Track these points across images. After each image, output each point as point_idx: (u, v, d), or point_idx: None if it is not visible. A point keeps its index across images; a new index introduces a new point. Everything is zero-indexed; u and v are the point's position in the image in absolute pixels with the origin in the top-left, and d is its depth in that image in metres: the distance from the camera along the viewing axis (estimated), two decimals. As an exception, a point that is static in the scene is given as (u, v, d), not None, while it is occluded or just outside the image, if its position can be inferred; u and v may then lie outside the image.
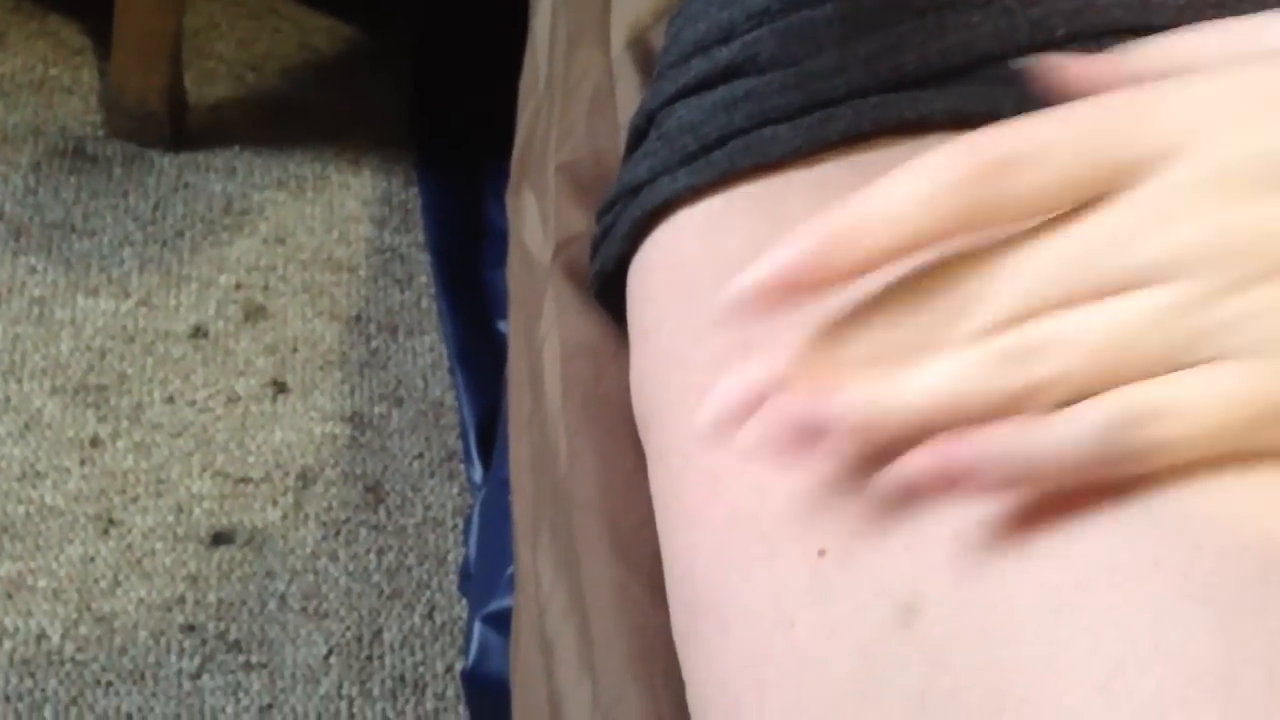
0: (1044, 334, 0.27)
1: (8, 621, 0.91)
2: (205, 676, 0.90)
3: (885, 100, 0.42)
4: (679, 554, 0.39)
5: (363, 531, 1.00)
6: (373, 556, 0.99)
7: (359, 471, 1.03)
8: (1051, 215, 0.28)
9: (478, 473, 1.02)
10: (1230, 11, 0.36)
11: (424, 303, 1.13)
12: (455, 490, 1.03)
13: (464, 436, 1.04)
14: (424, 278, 1.13)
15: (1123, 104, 0.28)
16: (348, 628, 0.95)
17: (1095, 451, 0.26)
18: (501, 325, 1.08)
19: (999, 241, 0.29)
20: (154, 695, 0.89)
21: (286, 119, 1.22)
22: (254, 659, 0.92)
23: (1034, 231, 0.28)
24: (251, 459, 1.02)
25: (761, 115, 0.44)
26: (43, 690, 0.88)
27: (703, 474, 0.38)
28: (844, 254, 0.28)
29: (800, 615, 0.32)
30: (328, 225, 1.16)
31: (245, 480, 1.01)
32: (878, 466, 0.28)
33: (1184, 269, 0.27)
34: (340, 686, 0.91)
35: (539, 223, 0.69)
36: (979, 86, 0.41)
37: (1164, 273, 0.27)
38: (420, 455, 1.05)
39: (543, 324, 0.66)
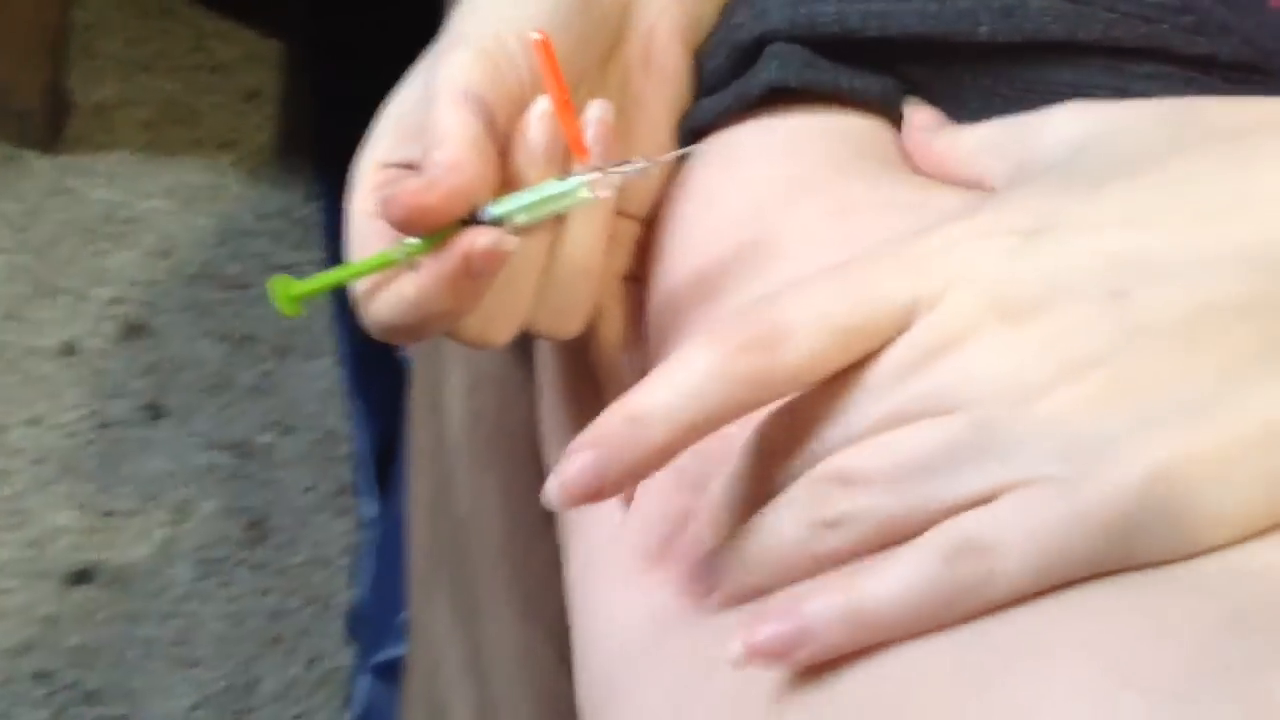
0: (834, 470, 0.29)
1: None
2: (58, 729, 0.83)
3: (797, 59, 0.40)
4: (584, 633, 0.37)
5: (242, 571, 0.94)
6: (251, 598, 0.93)
7: (241, 505, 0.97)
8: (828, 377, 0.29)
9: (371, 508, 0.97)
10: (1156, 27, 0.37)
11: (320, 324, 1.06)
12: (346, 527, 0.98)
13: (358, 469, 0.99)
14: (321, 298, 1.06)
15: (886, 257, 0.30)
16: (220, 677, 0.88)
17: (931, 590, 0.27)
18: (404, 351, 1.02)
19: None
20: (-1, 750, 0.81)
21: (178, 124, 1.15)
22: (113, 711, 0.84)
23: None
24: (121, 489, 0.95)
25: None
26: None
27: (607, 565, 0.37)
28: (626, 460, 0.29)
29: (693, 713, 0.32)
30: (219, 239, 1.09)
31: (112, 513, 0.94)
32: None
33: (956, 398, 0.28)
34: (210, 742, 0.85)
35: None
36: (884, 71, 0.40)
37: (943, 402, 0.28)
38: (309, 488, 0.99)
39: (448, 352, 0.60)
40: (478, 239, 0.33)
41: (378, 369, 1.03)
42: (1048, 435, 0.26)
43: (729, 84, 0.40)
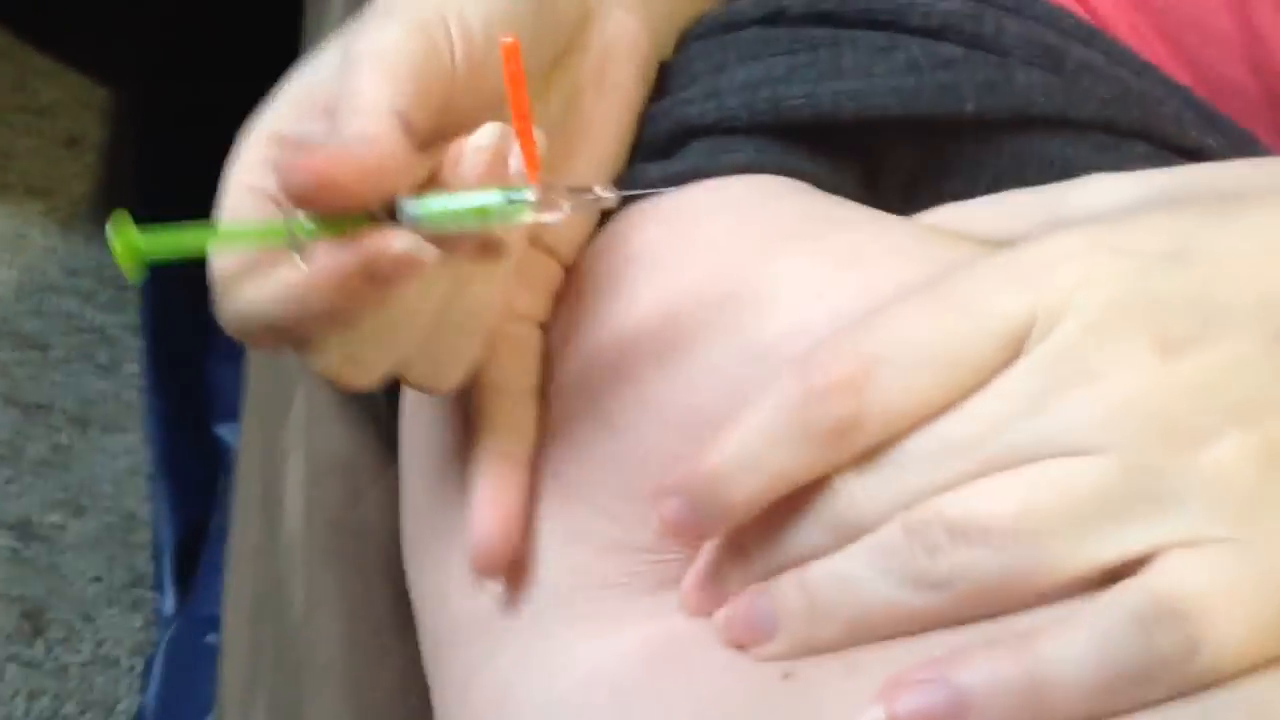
0: (941, 516, 0.25)
1: None
2: None
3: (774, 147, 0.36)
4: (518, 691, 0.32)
5: (12, 668, 0.84)
6: (21, 700, 0.83)
7: (16, 593, 0.87)
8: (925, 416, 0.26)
9: (169, 604, 0.89)
10: (1139, 105, 0.35)
11: (128, 395, 0.97)
12: (138, 624, 0.88)
13: (157, 558, 0.90)
14: (132, 366, 0.98)
15: (990, 269, 0.27)
16: (-24, 794, 0.77)
17: (1127, 663, 0.23)
18: (222, 430, 0.94)
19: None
20: None
21: (-14, 164, 1.04)
22: None
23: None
24: (-124, 568, 0.83)
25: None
26: None
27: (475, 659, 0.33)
28: (712, 514, 0.28)
29: None
30: (19, 293, 0.99)
31: None
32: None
33: (1102, 437, 0.25)
34: None
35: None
36: (857, 145, 0.36)
37: (1083, 441, 0.25)
38: (98, 578, 0.89)
39: (288, 431, 0.53)
40: (395, 240, 0.27)
41: (189, 448, 0.94)
42: (1217, 490, 0.24)
43: (670, 155, 0.36)
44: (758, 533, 0.28)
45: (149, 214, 1.05)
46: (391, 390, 0.44)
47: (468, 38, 0.30)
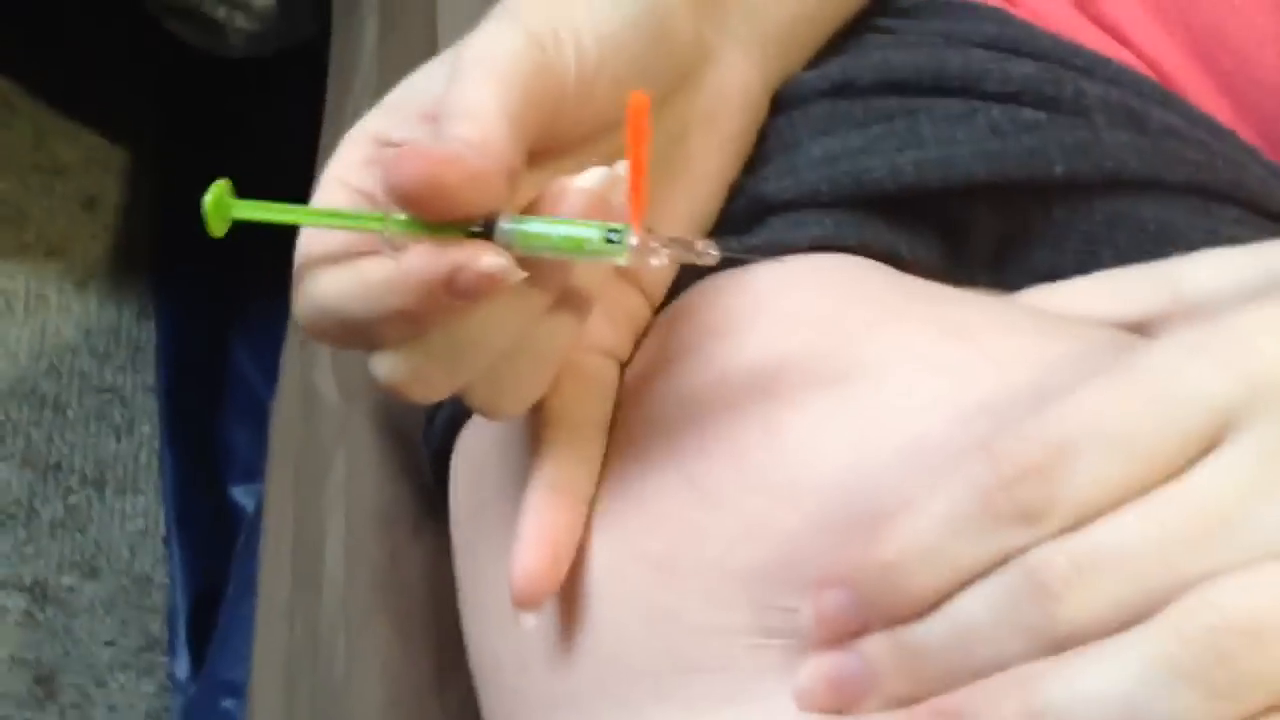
0: (1246, 615, 0.23)
1: None
2: None
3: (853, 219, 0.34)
4: None
5: None
6: None
7: (30, 657, 0.84)
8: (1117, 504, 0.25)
9: (183, 669, 0.87)
10: (1228, 169, 0.34)
11: (143, 456, 0.96)
12: (151, 689, 0.87)
13: (171, 622, 0.88)
14: (147, 427, 0.96)
15: (1192, 349, 0.25)
16: None
17: None
18: (237, 492, 0.92)
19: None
20: None
21: (3, 224, 1.04)
22: None
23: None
24: (-111, 630, 0.81)
25: None
26: None
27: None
28: (884, 608, 0.27)
29: None
30: (36, 353, 0.98)
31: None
32: None
33: None
34: None
35: (331, 360, 0.56)
36: (936, 214, 0.35)
37: None
38: (112, 641, 0.87)
39: (329, 486, 0.52)
40: (484, 256, 0.26)
41: (204, 510, 0.93)
42: None
43: (746, 231, 0.35)
44: (926, 641, 0.26)
45: (166, 274, 1.04)
46: (436, 447, 0.43)
47: (581, 54, 0.29)
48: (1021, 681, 0.25)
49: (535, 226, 0.28)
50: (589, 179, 0.28)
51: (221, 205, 0.29)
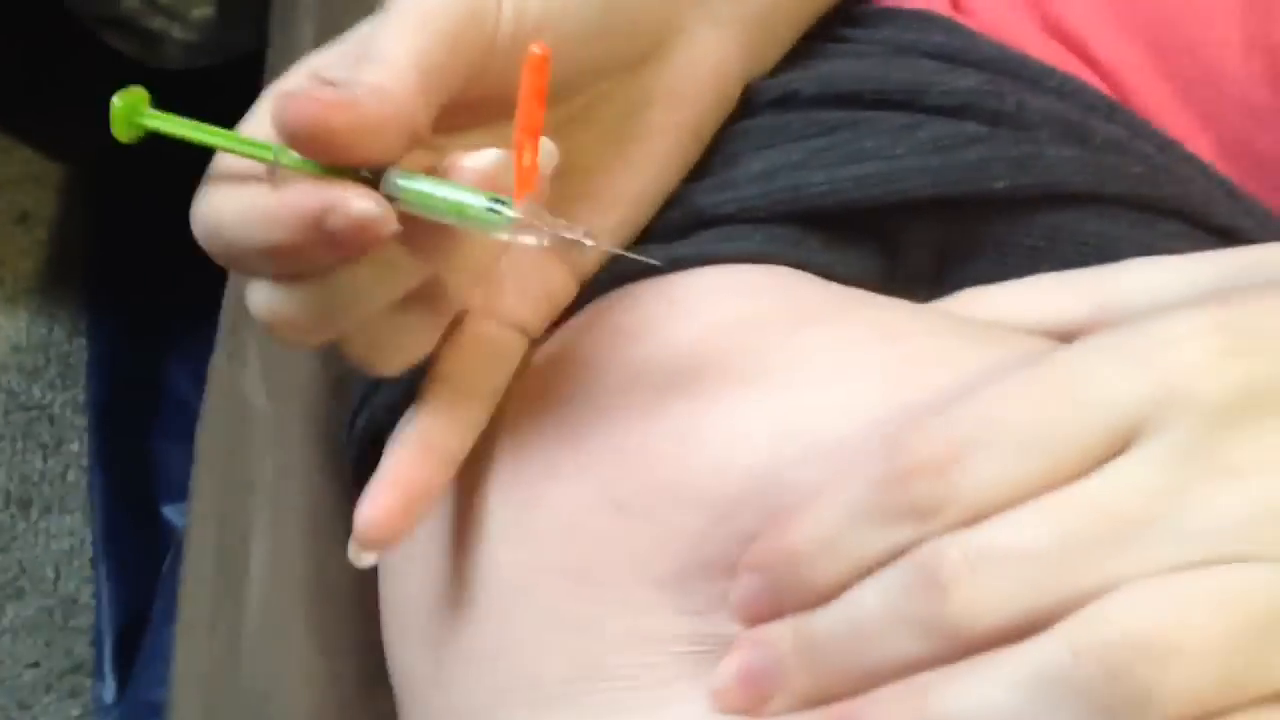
0: (1142, 633, 0.23)
1: None
2: None
3: (785, 236, 0.34)
4: None
5: None
6: None
7: None
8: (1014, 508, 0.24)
9: (109, 691, 0.84)
10: (1170, 182, 0.34)
11: (71, 475, 0.93)
12: (76, 712, 0.84)
13: (98, 644, 0.86)
14: (76, 445, 0.94)
15: (1103, 349, 0.25)
16: None
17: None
18: (168, 512, 0.90)
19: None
20: None
21: (-70, 238, 1.02)
22: None
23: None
24: None
25: None
26: None
27: None
28: (793, 593, 0.26)
29: None
30: (-39, 369, 0.95)
31: None
32: None
33: (1254, 543, 0.22)
34: None
35: (260, 369, 0.55)
36: (876, 238, 0.34)
37: (1230, 548, 0.22)
38: (35, 664, 0.85)
39: (256, 493, 0.51)
40: (356, 199, 0.25)
41: (134, 529, 0.91)
42: None
43: (677, 241, 0.34)
44: (824, 629, 0.26)
45: (100, 290, 1.02)
46: (356, 455, 0.42)
47: (519, 16, 0.28)
48: (914, 690, 0.24)
49: (422, 184, 0.27)
50: (481, 159, 0.27)
51: (132, 111, 0.29)
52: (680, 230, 0.35)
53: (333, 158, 0.26)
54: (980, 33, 0.39)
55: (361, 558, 0.30)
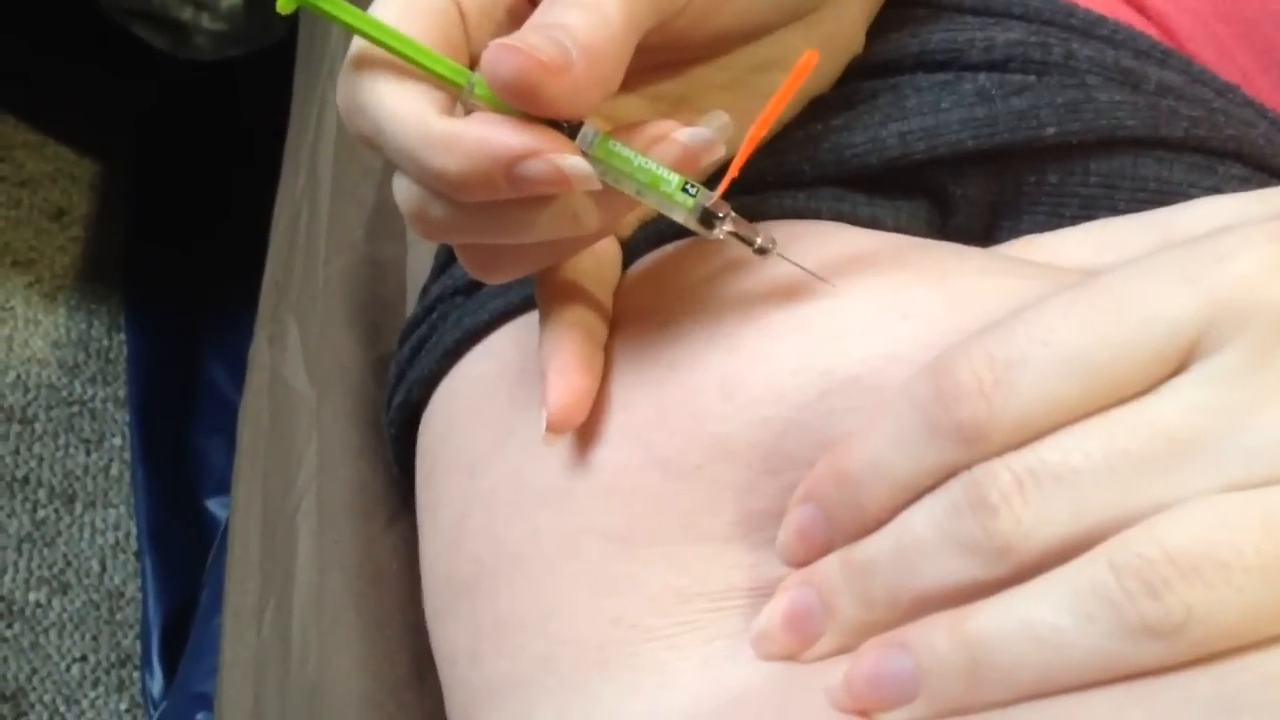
0: (1186, 547, 0.22)
1: None
2: None
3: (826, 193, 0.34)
4: None
5: None
6: None
7: None
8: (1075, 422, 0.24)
9: (157, 685, 0.84)
10: (1230, 125, 0.33)
11: (115, 469, 0.93)
12: (123, 705, 0.84)
13: (144, 637, 0.86)
14: (118, 440, 0.94)
15: (1158, 267, 0.23)
16: None
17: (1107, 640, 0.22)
18: (211, 504, 0.90)
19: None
20: None
21: (-32, 236, 1.02)
22: None
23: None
24: None
25: None
26: None
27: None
28: (846, 521, 0.26)
29: None
30: (2, 366, 0.96)
31: None
32: None
33: None
34: None
35: (301, 352, 0.54)
36: (925, 196, 0.34)
37: None
38: (83, 658, 0.85)
39: (300, 479, 0.50)
40: (569, 154, 0.25)
41: (177, 522, 0.91)
42: None
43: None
44: (872, 556, 0.26)
45: (136, 286, 1.02)
46: (398, 440, 0.41)
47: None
48: (958, 614, 0.24)
49: (618, 149, 0.26)
50: (697, 136, 0.27)
51: None
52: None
53: (536, 111, 0.26)
54: None
55: (554, 442, 0.30)
